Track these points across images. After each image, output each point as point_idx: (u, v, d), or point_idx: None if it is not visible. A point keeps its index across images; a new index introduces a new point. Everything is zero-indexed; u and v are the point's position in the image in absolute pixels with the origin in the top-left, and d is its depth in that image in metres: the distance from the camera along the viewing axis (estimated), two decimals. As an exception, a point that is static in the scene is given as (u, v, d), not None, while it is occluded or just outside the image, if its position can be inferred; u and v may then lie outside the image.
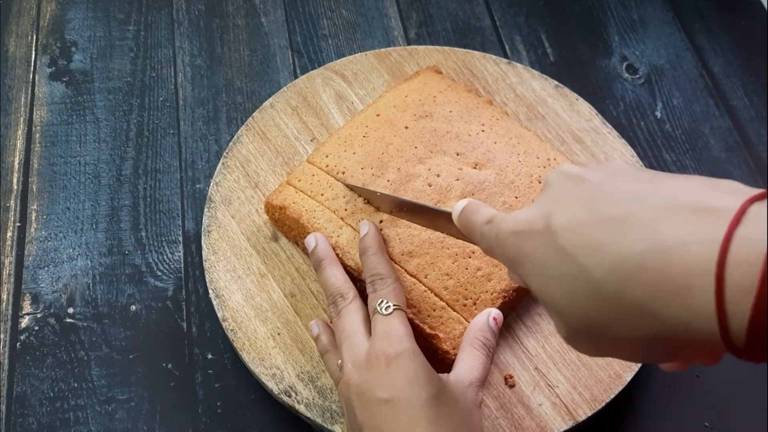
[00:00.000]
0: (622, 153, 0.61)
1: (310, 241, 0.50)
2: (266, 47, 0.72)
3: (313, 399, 0.49)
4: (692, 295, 0.24)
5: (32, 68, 0.69)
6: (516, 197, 0.52)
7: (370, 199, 0.51)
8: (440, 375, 0.43)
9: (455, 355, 0.47)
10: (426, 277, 0.49)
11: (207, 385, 0.53)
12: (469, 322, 0.48)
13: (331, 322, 0.48)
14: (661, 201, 0.27)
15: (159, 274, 0.57)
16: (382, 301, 0.44)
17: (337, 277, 0.48)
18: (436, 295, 0.49)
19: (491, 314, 0.47)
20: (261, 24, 0.74)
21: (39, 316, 0.55)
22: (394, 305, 0.44)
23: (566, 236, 0.29)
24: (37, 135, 0.65)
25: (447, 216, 0.41)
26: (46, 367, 0.53)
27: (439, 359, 0.47)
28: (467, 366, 0.44)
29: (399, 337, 0.42)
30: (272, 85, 0.69)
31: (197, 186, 0.62)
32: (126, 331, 0.55)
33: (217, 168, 0.59)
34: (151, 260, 0.58)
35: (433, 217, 0.45)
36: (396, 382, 0.41)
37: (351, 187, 0.52)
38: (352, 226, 0.51)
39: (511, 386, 0.50)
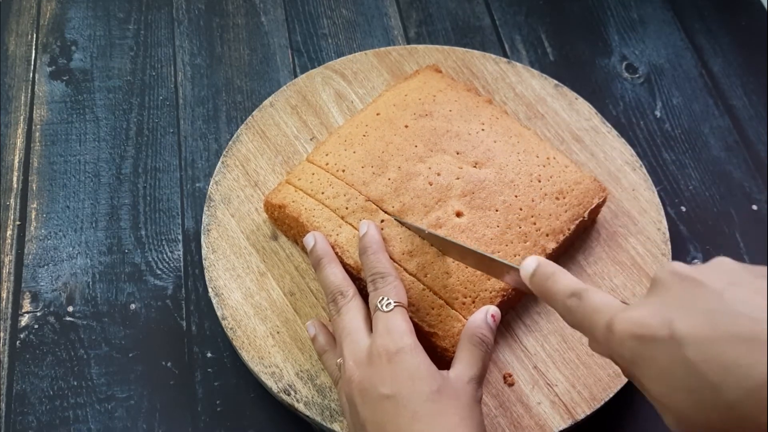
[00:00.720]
0: (621, 152, 0.61)
1: (309, 240, 0.50)
2: (266, 46, 0.72)
3: (313, 397, 0.49)
4: None
5: (32, 67, 0.69)
6: (516, 196, 0.52)
7: (430, 241, 0.50)
8: (441, 371, 0.43)
9: (454, 352, 0.47)
10: (426, 276, 0.49)
11: (206, 383, 0.53)
12: (467, 320, 0.48)
13: (330, 321, 0.48)
14: None
15: (158, 272, 0.58)
16: (383, 298, 0.44)
17: (336, 275, 0.48)
18: (435, 293, 0.49)
19: (489, 311, 0.46)
20: (261, 23, 0.74)
21: (39, 314, 0.55)
22: (395, 302, 0.44)
23: (693, 350, 0.29)
24: (37, 134, 0.65)
25: (512, 270, 0.42)
26: (46, 366, 0.53)
27: (437, 357, 0.48)
28: (466, 363, 0.44)
29: (400, 333, 0.43)
30: (272, 84, 0.69)
31: (197, 185, 0.62)
32: (125, 329, 0.55)
33: (217, 167, 0.59)
34: (150, 259, 0.58)
35: (498, 268, 0.45)
36: (398, 377, 0.41)
37: (410, 227, 0.50)
38: (351, 225, 0.51)
39: (510, 385, 0.50)
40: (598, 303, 0.35)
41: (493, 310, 0.47)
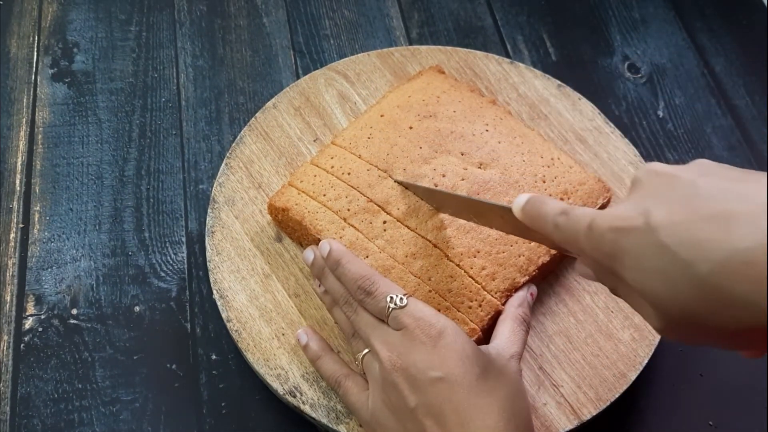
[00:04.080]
0: (624, 152, 0.61)
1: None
2: (268, 47, 0.72)
3: (318, 399, 0.49)
4: None
5: (34, 69, 0.69)
6: (520, 197, 0.52)
7: (419, 195, 0.51)
8: (482, 349, 0.44)
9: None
10: (430, 280, 0.49)
11: (211, 385, 0.53)
12: (475, 324, 0.48)
13: (338, 323, 0.49)
14: (762, 199, 0.28)
15: (162, 275, 0.57)
16: (390, 297, 0.44)
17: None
18: (440, 296, 0.49)
19: (529, 290, 0.50)
20: (263, 24, 0.74)
21: (43, 317, 0.55)
22: (404, 295, 0.45)
23: (667, 233, 0.30)
24: (40, 136, 0.64)
25: (503, 210, 0.42)
26: (51, 369, 0.53)
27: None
28: (507, 340, 0.46)
29: (433, 316, 0.43)
30: (274, 86, 0.69)
31: (200, 187, 0.62)
32: (130, 332, 0.55)
33: (221, 168, 0.59)
34: (154, 261, 0.58)
35: (487, 212, 0.45)
36: (446, 360, 0.42)
37: (401, 183, 0.51)
38: (354, 227, 0.51)
39: (516, 386, 0.50)
40: (581, 212, 0.35)
41: (533, 289, 0.50)
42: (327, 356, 0.49)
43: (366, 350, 0.46)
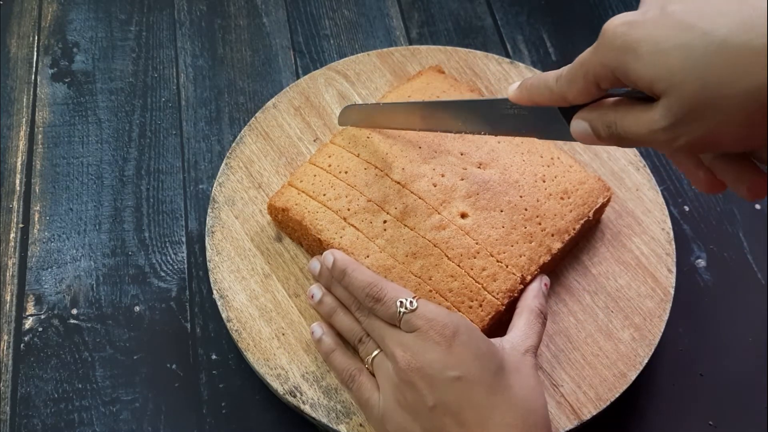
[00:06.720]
0: (624, 152, 0.61)
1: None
2: (268, 47, 0.72)
3: (318, 399, 0.49)
4: None
5: (34, 69, 0.69)
6: (521, 196, 0.52)
7: (401, 113, 0.51)
8: (495, 340, 0.45)
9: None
10: (430, 279, 0.49)
11: (211, 385, 0.53)
12: (476, 324, 0.48)
13: (342, 330, 0.49)
14: None
15: (162, 274, 0.57)
16: (401, 301, 0.44)
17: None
18: (441, 296, 0.49)
19: (543, 280, 0.50)
20: (263, 24, 0.74)
21: (43, 317, 0.55)
22: (413, 298, 0.45)
23: (685, 13, 0.32)
24: (40, 136, 0.64)
25: (492, 103, 0.43)
26: (51, 369, 0.53)
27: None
28: (523, 333, 0.46)
29: (446, 317, 0.43)
30: (274, 86, 0.69)
31: (200, 186, 0.62)
32: (130, 332, 0.55)
33: (221, 168, 0.59)
34: (154, 261, 0.58)
35: (488, 110, 0.45)
36: (463, 359, 0.42)
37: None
38: (354, 226, 0.51)
39: (516, 386, 0.50)
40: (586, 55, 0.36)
41: (546, 279, 0.50)
42: (341, 350, 0.48)
43: (376, 352, 0.46)
